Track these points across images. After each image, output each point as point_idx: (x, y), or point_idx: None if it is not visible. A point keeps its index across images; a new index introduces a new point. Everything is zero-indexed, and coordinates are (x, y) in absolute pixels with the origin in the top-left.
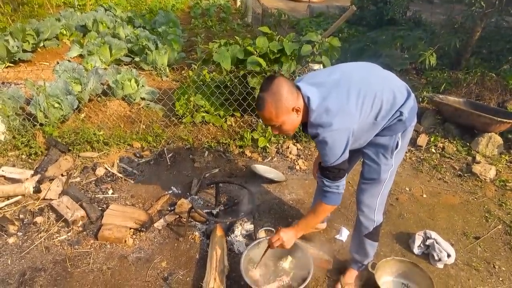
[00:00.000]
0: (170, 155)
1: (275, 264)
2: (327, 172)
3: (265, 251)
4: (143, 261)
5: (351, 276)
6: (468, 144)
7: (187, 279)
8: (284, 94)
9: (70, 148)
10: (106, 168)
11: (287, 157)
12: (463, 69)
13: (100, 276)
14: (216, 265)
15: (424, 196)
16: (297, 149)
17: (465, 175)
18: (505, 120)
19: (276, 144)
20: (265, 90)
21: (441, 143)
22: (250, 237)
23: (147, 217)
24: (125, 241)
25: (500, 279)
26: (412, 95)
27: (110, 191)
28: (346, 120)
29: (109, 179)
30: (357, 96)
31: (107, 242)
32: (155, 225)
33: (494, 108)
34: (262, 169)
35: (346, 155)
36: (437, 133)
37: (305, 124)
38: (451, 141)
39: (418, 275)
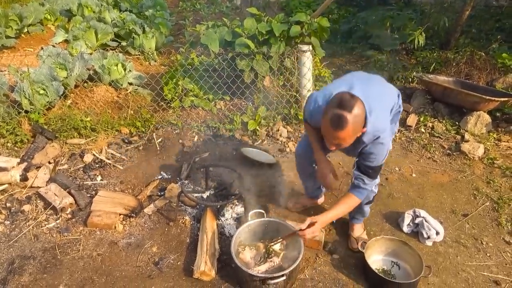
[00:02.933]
0: (159, 140)
1: (265, 246)
2: (371, 171)
3: (285, 237)
4: (133, 246)
5: (359, 229)
6: (457, 123)
7: (178, 263)
8: (362, 115)
9: (57, 135)
10: (94, 155)
11: (277, 139)
12: (452, 49)
13: (90, 263)
14: (206, 249)
15: (414, 175)
16: (288, 131)
17: (454, 153)
18: (493, 98)
19: (266, 127)
20: (347, 109)
21: (430, 122)
22: (241, 220)
23: (136, 203)
24: (115, 227)
25: (488, 254)
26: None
27: (99, 178)
28: (389, 126)
29: (97, 165)
30: (388, 109)
31: (96, 228)
32: (145, 210)
33: (483, 87)
34: (252, 152)
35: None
36: (426, 113)
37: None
38: (441, 120)
39: (407, 253)
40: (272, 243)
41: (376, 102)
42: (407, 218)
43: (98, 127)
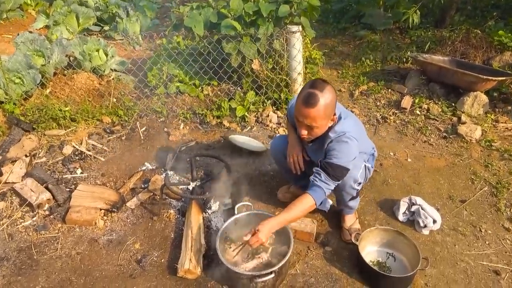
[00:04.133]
0: (143, 129)
1: None
2: (330, 168)
3: (240, 248)
4: (114, 243)
5: (351, 219)
6: (453, 104)
7: (162, 260)
8: (333, 100)
9: (34, 126)
10: (74, 146)
11: (267, 125)
12: (447, 27)
13: (68, 262)
14: (191, 245)
15: (409, 160)
16: (278, 116)
17: (451, 136)
18: (490, 77)
19: (255, 113)
20: (319, 89)
21: (425, 104)
22: (229, 212)
23: (118, 197)
24: (95, 223)
25: (487, 242)
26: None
27: (79, 171)
28: (360, 141)
29: (77, 157)
30: (361, 136)
31: (75, 225)
32: (128, 204)
33: (480, 66)
34: (241, 139)
35: (351, 166)
36: (421, 94)
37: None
38: (436, 102)
39: (403, 243)
40: (234, 251)
41: (352, 121)
42: (403, 206)
43: (78, 117)
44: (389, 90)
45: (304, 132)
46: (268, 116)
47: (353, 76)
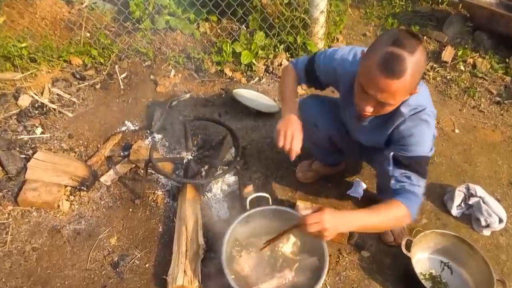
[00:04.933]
0: (123, 75)
1: (270, 248)
2: (417, 164)
3: (281, 234)
4: (83, 236)
5: None
6: (507, 60)
7: (146, 265)
8: (424, 67)
9: None
10: (33, 96)
11: (280, 77)
12: None
13: (21, 263)
14: (186, 248)
15: (457, 131)
16: None
17: (505, 102)
18: None
19: (264, 60)
20: (408, 49)
21: (470, 57)
22: (234, 195)
23: (87, 171)
24: (58, 206)
25: None
26: None
27: (39, 130)
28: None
29: (37, 111)
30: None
31: (32, 208)
32: (102, 179)
33: None
34: (247, 95)
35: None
36: (465, 45)
37: None
38: (483, 55)
39: (466, 253)
40: (265, 245)
41: (425, 88)
42: (458, 197)
43: (39, 57)
44: (425, 37)
45: (369, 110)
46: (280, 64)
47: (379, 18)
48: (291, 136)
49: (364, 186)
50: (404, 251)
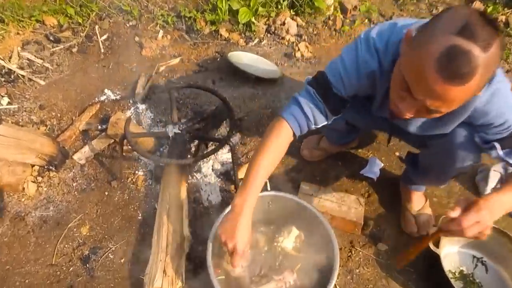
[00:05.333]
0: (105, 37)
1: (268, 242)
2: None
3: (426, 241)
4: (50, 225)
5: (419, 199)
6: None
7: (122, 260)
8: (497, 63)
9: None
10: None
11: (283, 38)
12: None
13: None
14: (167, 242)
15: None
16: (298, 25)
17: None
18: None
19: (265, 19)
20: (480, 42)
21: (502, 14)
22: (227, 175)
23: (55, 147)
24: (23, 188)
25: None
26: None
27: (5, 100)
28: None
29: (3, 79)
30: None
31: None
32: (76, 157)
33: None
34: (245, 59)
35: None
36: (496, 0)
37: None
38: None
39: (505, 247)
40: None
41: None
42: (494, 177)
43: (7, 16)
44: None
45: (409, 115)
46: (284, 24)
47: None
48: (231, 251)
49: (381, 164)
50: (432, 247)
